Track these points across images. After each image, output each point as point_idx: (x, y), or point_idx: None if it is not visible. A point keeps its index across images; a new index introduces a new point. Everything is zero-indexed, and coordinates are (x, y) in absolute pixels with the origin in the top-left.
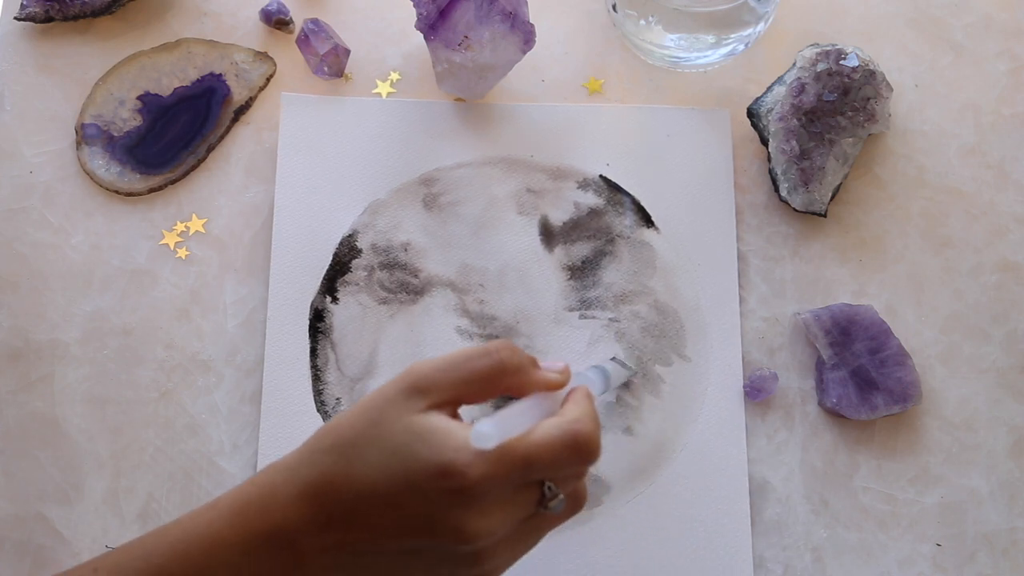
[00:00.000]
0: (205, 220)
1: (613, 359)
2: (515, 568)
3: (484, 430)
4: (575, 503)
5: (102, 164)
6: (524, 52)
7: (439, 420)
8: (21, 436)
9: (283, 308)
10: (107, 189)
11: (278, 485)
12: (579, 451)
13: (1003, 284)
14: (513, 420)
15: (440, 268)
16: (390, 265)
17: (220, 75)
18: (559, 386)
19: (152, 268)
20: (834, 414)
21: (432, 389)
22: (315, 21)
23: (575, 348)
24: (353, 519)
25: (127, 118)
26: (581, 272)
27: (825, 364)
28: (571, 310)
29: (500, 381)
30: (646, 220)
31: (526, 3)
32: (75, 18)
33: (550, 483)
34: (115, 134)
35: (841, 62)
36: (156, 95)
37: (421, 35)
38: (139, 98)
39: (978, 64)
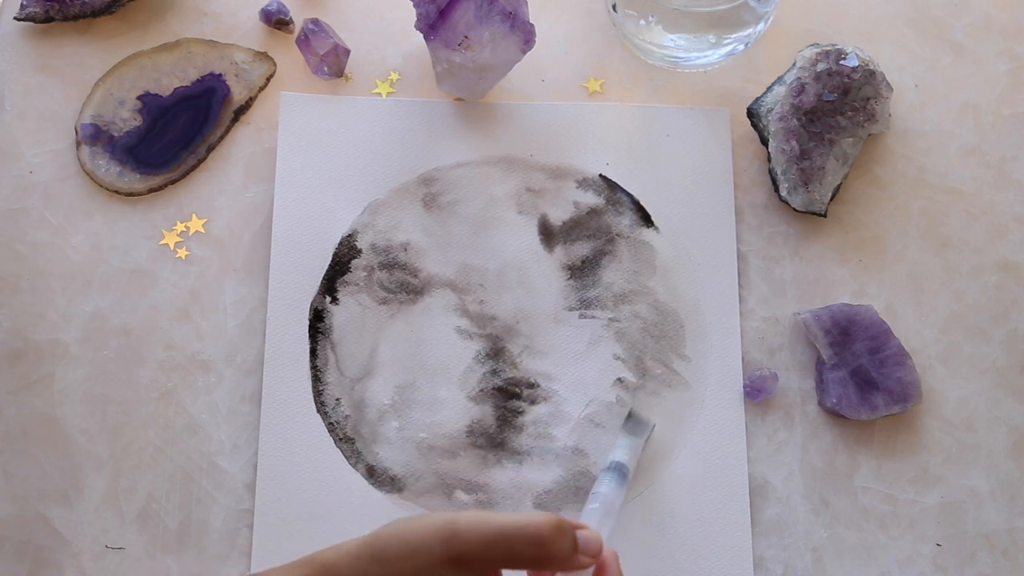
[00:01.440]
0: (205, 220)
1: (628, 418)
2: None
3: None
4: None
5: (102, 164)
6: (524, 52)
7: None
8: (21, 436)
9: (283, 308)
10: (107, 189)
11: None
12: None
13: (1003, 284)
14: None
15: (440, 268)
16: (390, 265)
17: (220, 75)
18: (589, 567)
19: (152, 268)
20: (834, 414)
21: (474, 563)
22: (315, 21)
23: (575, 348)
24: None
25: (127, 118)
26: (581, 272)
27: (825, 364)
28: (571, 310)
29: (541, 567)
30: (646, 220)
31: (526, 3)
32: (75, 18)
33: None
34: (115, 134)
35: (841, 62)
36: (156, 95)
37: (421, 35)
38: (139, 98)
39: (978, 64)
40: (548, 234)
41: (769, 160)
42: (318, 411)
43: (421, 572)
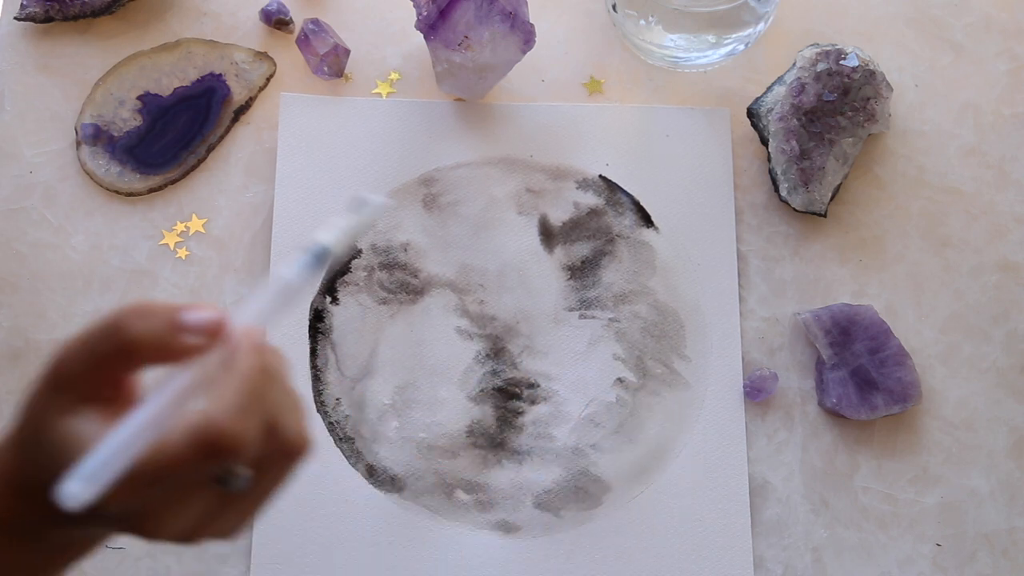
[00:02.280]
0: (205, 220)
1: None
2: (516, 569)
3: (71, 489)
4: (285, 461)
5: (102, 164)
6: (524, 52)
7: (74, 428)
8: None
9: None
10: (107, 189)
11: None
12: (208, 451)
13: (1003, 284)
14: (114, 451)
15: (440, 268)
16: (390, 265)
17: (220, 75)
18: (198, 351)
19: (152, 268)
20: (834, 414)
21: (74, 379)
22: (315, 21)
23: (575, 348)
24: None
25: (127, 118)
26: (581, 272)
27: (825, 364)
28: (571, 310)
29: (131, 359)
30: (646, 220)
31: (526, 3)
32: (75, 18)
33: (220, 471)
34: (115, 134)
35: (841, 62)
36: (156, 95)
37: (421, 35)
38: (139, 98)
39: (978, 64)
40: (548, 234)
41: (769, 160)
42: (318, 411)
43: (32, 408)
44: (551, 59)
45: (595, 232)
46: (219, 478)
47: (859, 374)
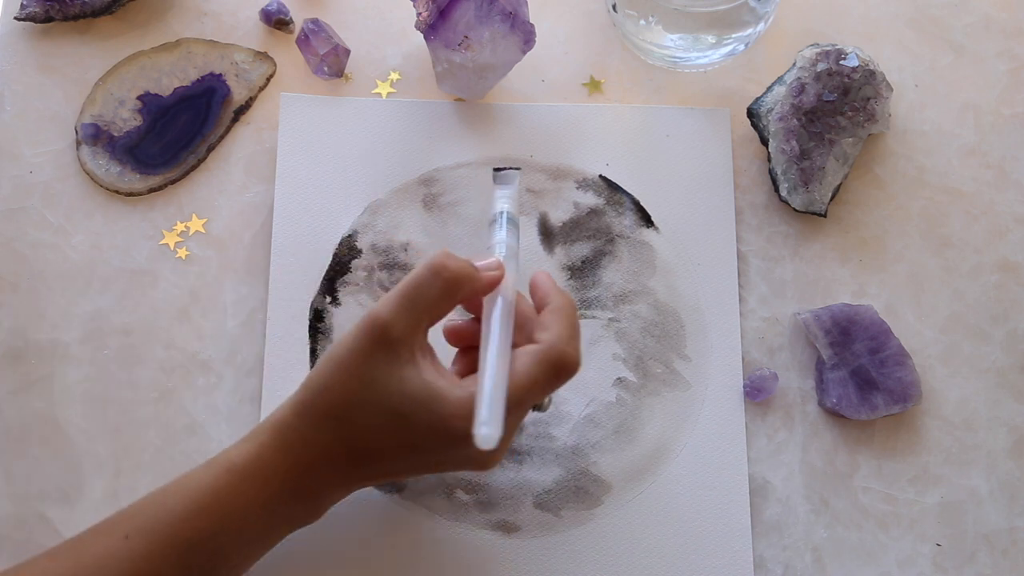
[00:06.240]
0: (205, 220)
1: (496, 173)
2: (516, 569)
3: (486, 433)
4: (564, 381)
5: (102, 164)
6: (524, 52)
7: (428, 381)
8: (21, 436)
9: (283, 308)
10: (107, 189)
11: (294, 449)
12: (560, 375)
13: (1003, 284)
14: (497, 395)
15: None
16: (390, 265)
17: (220, 75)
18: (499, 280)
19: (152, 268)
20: (834, 414)
21: (404, 340)
22: (315, 21)
23: None
24: (374, 475)
25: (127, 118)
26: (581, 272)
27: (825, 364)
28: None
29: (456, 297)
30: (646, 220)
31: (526, 3)
32: (75, 18)
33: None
34: (115, 134)
35: (841, 62)
36: (156, 95)
37: (421, 35)
38: (139, 98)
39: (978, 64)
40: (548, 235)
41: (769, 160)
42: None
43: (358, 377)
44: (551, 59)
45: (595, 232)
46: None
47: (859, 374)
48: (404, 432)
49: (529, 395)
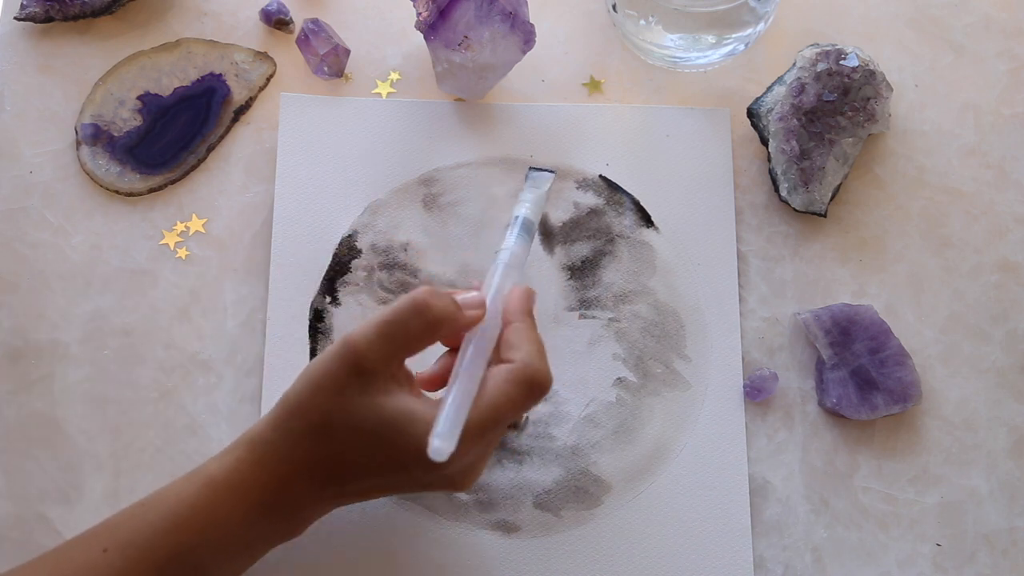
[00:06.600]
0: (205, 220)
1: (529, 172)
2: (516, 569)
3: (437, 446)
4: (538, 400)
5: (102, 164)
6: (524, 52)
7: (401, 406)
8: (21, 436)
9: (283, 308)
10: (107, 189)
11: (270, 464)
12: (534, 391)
13: (1003, 284)
14: (458, 412)
15: (440, 268)
16: (390, 265)
17: (220, 75)
18: (479, 320)
19: (152, 268)
20: (834, 414)
21: (378, 368)
22: (315, 21)
23: (575, 348)
24: (351, 492)
25: (127, 118)
26: (581, 272)
27: (825, 364)
28: (571, 310)
29: (434, 336)
30: (646, 220)
31: (526, 3)
32: (75, 18)
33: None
34: (115, 134)
35: (841, 62)
36: (156, 95)
37: (421, 35)
38: (139, 98)
39: (978, 64)
40: (548, 235)
41: (769, 160)
42: None
43: (333, 400)
44: (551, 59)
45: (595, 232)
46: (515, 422)
47: (859, 374)
48: (379, 453)
49: (505, 413)
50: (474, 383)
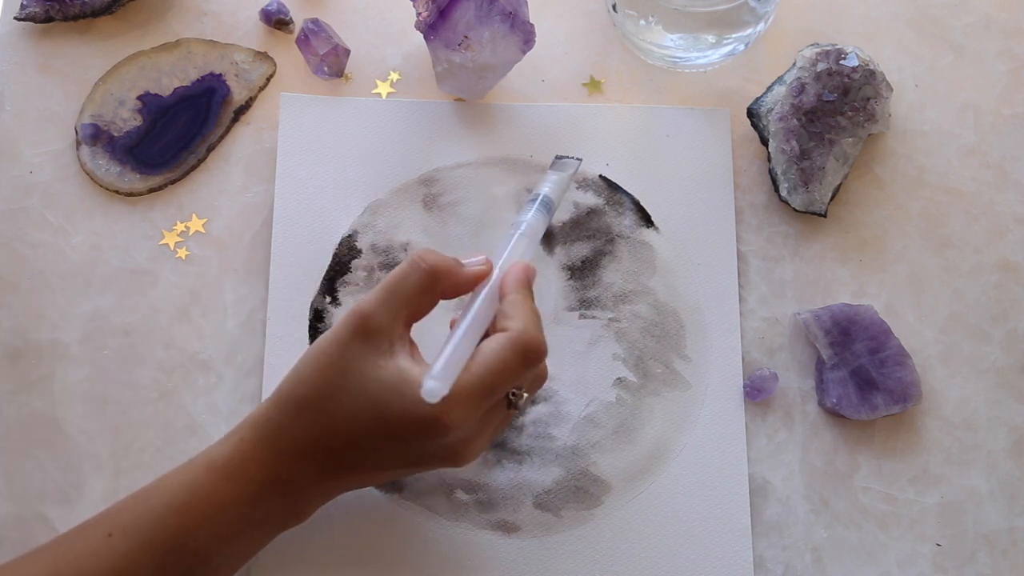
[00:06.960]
0: (205, 220)
1: (557, 158)
2: (516, 569)
3: (431, 386)
4: (537, 385)
5: (102, 164)
6: (524, 52)
7: (402, 368)
8: (21, 436)
9: (283, 308)
10: (107, 189)
11: (272, 441)
12: (529, 358)
13: (1003, 284)
14: (454, 357)
15: None
16: (390, 265)
17: (220, 75)
18: (486, 274)
19: (152, 268)
20: (834, 414)
21: (383, 330)
22: (315, 21)
23: (575, 348)
24: (353, 468)
25: (127, 118)
26: (581, 272)
27: (825, 364)
28: (571, 310)
29: (436, 290)
30: (646, 220)
31: (526, 3)
32: (75, 18)
33: (513, 389)
34: (115, 134)
35: (841, 62)
36: (156, 95)
37: (421, 35)
38: (139, 98)
39: (978, 64)
40: (548, 235)
41: (769, 160)
42: None
43: (336, 365)
44: (551, 59)
45: (595, 232)
46: (511, 397)
47: (859, 374)
48: (379, 420)
49: (500, 378)
50: (474, 333)
